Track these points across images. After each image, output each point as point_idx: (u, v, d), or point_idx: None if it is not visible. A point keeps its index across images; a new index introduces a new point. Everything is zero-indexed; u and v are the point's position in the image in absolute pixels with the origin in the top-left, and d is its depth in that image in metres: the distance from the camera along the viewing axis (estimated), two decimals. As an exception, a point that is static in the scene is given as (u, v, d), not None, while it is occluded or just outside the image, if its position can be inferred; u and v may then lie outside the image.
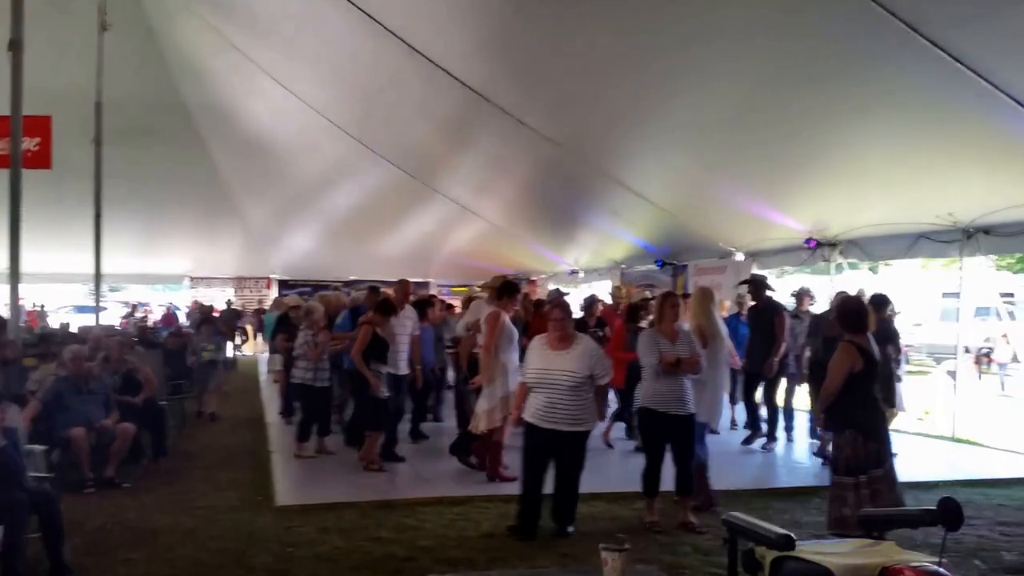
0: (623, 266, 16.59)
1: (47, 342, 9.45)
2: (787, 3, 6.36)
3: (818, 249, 11.20)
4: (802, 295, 9.43)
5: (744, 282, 9.58)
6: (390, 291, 8.66)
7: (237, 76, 12.95)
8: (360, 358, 7.14)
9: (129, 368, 7.70)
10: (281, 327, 10.07)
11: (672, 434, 5.61)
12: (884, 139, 7.90)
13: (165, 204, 16.40)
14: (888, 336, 7.61)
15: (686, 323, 6.06)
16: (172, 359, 10.36)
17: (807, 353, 8.86)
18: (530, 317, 9.59)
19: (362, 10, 8.69)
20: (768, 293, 8.97)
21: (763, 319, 8.69)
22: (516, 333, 6.95)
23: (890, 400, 7.70)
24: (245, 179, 16.37)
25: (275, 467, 7.32)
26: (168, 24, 12.81)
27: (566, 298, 9.53)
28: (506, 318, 6.80)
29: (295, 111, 12.82)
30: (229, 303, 20.23)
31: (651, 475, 5.67)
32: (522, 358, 5.88)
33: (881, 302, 7.71)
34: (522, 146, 11.22)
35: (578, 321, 9.64)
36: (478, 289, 16.67)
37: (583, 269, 18.35)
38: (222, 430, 9.64)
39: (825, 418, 5.17)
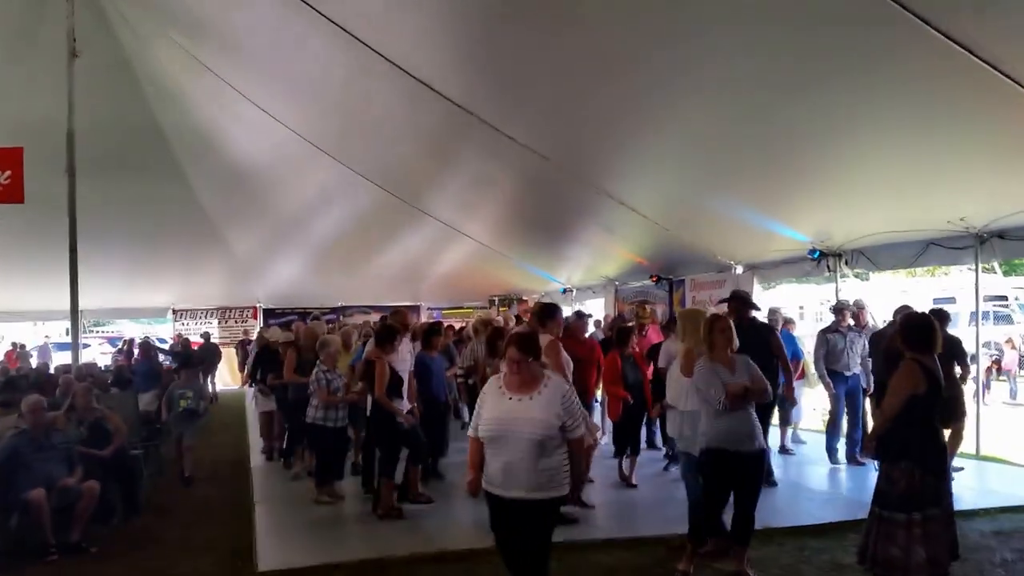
0: (617, 283, 15.99)
1: (13, 388, 8.68)
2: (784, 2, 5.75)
3: (822, 260, 10.64)
4: (842, 309, 8.86)
5: (724, 300, 8.75)
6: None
7: (215, 101, 12.30)
8: (386, 396, 6.53)
9: (97, 416, 6.94)
10: (266, 364, 9.21)
11: (741, 474, 4.89)
12: (889, 140, 7.31)
13: (145, 235, 15.56)
14: (954, 353, 7.05)
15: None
16: (149, 400, 9.63)
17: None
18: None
19: (339, 25, 8.07)
20: (753, 312, 7.88)
21: (750, 342, 7.70)
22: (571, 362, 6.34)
23: (951, 423, 7.20)
24: (227, 206, 15.63)
25: (258, 522, 6.55)
26: (142, 50, 12.12)
27: (588, 320, 8.80)
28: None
29: (275, 134, 12.17)
30: (207, 336, 19.00)
31: (705, 518, 5.00)
32: None
33: (942, 317, 7.12)
34: (509, 161, 10.61)
35: (603, 342, 9.01)
36: (495, 314, 16.03)
37: (575, 287, 17.73)
38: (202, 478, 8.77)
39: (877, 444, 4.50)
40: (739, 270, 12.54)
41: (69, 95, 11.32)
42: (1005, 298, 22.03)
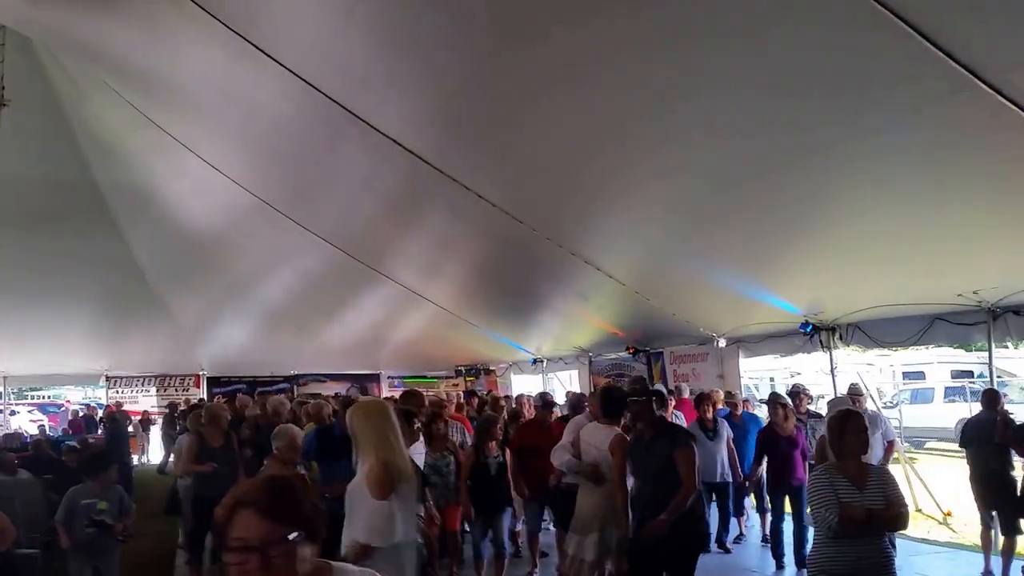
0: (591, 354, 15.32)
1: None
2: (779, 51, 5.21)
3: (814, 334, 10.09)
4: (799, 393, 8.36)
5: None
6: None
7: (157, 154, 11.64)
8: None
9: (-23, 516, 5.87)
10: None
11: None
12: (893, 204, 6.74)
13: (76, 295, 14.58)
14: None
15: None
16: (68, 483, 8.24)
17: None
18: (517, 425, 8.21)
19: (294, 72, 7.48)
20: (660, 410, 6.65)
21: (656, 454, 5.33)
22: None
23: None
24: (168, 266, 14.80)
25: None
26: (78, 100, 11.47)
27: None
28: None
29: (223, 190, 11.49)
30: (176, 408, 17.43)
31: None
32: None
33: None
34: (477, 222, 10.01)
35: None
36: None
37: (546, 357, 17.04)
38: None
39: None
40: (722, 343, 11.99)
41: (-8, 145, 10.64)
42: (972, 373, 21.83)
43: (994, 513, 7.26)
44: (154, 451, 18.55)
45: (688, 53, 5.55)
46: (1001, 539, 7.19)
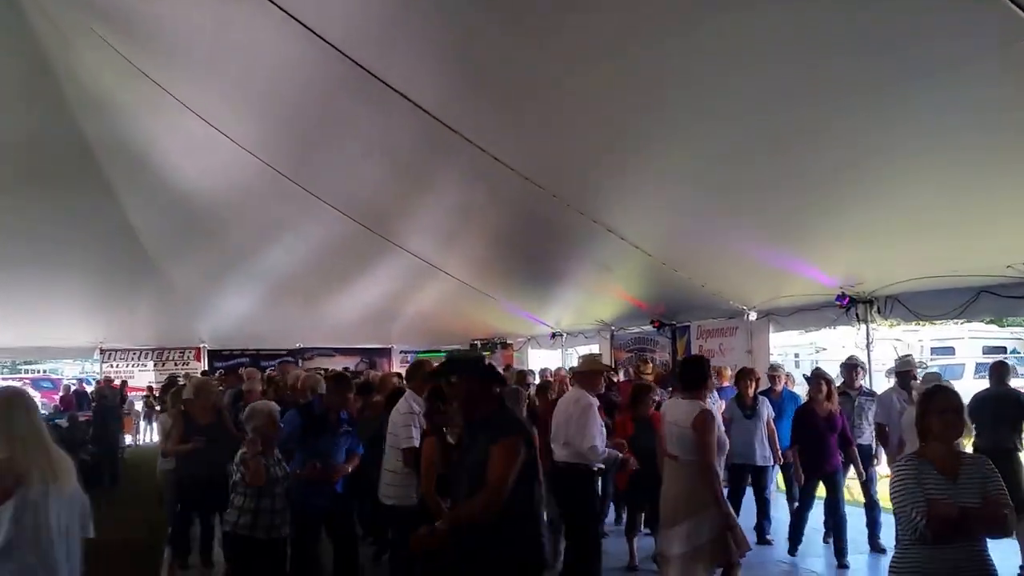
0: (613, 327, 15.34)
1: None
2: (813, 7, 5.11)
3: (851, 307, 10.04)
4: (855, 366, 8.28)
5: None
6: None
7: (153, 112, 11.57)
8: (435, 495, 4.94)
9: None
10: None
11: None
12: (938, 167, 6.67)
13: (68, 264, 14.62)
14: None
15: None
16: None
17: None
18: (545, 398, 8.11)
19: (298, 21, 7.39)
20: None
21: (474, 454, 3.97)
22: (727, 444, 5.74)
23: None
24: (166, 233, 14.80)
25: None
26: (66, 52, 11.38)
27: None
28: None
29: (223, 151, 11.46)
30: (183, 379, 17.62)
31: None
32: None
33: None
34: (496, 188, 9.99)
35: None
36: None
37: (566, 331, 17.11)
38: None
39: None
40: (752, 316, 11.96)
41: (-29, 102, 10.58)
42: (1004, 349, 21.79)
43: None
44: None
45: (721, 17, 5.45)
46: None
